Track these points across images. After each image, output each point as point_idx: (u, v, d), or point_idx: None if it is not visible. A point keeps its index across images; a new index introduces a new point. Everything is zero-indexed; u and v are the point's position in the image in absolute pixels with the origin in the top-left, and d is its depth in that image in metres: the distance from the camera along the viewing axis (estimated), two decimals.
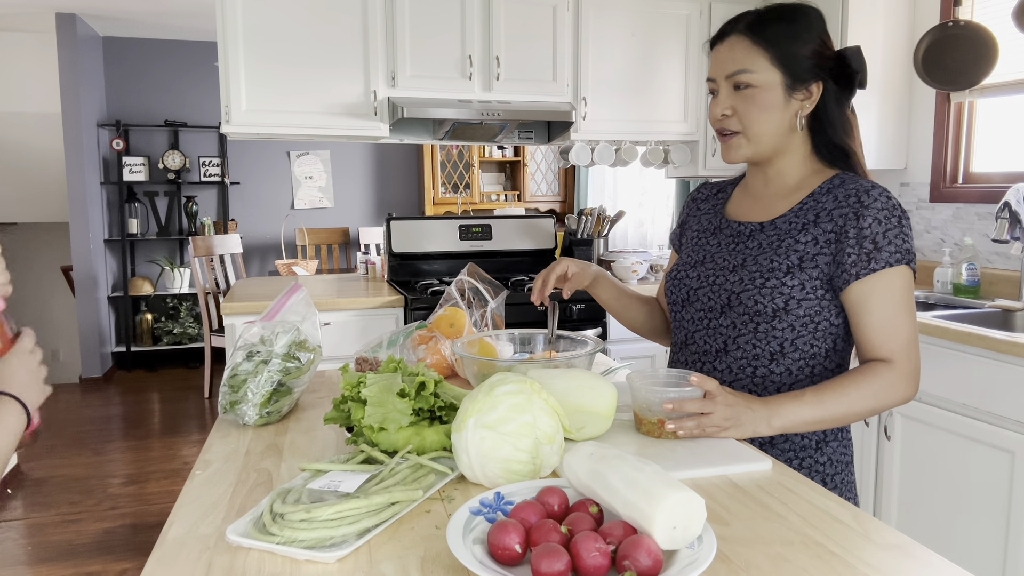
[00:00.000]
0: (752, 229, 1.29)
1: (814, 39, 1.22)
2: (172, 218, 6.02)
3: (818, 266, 1.20)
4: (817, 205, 1.23)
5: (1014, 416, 2.00)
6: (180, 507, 0.97)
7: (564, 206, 6.52)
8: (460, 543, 0.78)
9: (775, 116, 1.22)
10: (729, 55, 1.23)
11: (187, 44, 5.98)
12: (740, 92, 1.23)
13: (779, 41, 1.20)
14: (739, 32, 1.23)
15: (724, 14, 3.46)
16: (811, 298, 1.21)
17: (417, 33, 3.06)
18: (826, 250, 1.20)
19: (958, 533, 2.17)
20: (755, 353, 1.26)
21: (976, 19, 2.84)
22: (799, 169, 1.28)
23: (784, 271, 1.21)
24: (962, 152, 2.97)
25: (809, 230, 1.22)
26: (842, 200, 1.20)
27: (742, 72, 1.21)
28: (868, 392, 1.16)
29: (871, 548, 0.84)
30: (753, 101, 1.22)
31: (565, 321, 3.03)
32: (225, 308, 2.75)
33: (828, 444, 1.27)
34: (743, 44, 1.22)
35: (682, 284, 1.36)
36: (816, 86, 1.22)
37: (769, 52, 1.20)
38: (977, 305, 2.57)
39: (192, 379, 5.50)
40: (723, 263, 1.29)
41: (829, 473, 1.27)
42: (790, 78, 1.21)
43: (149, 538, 2.94)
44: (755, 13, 1.24)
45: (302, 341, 1.33)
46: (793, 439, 1.26)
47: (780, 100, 1.22)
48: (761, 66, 1.21)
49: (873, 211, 1.17)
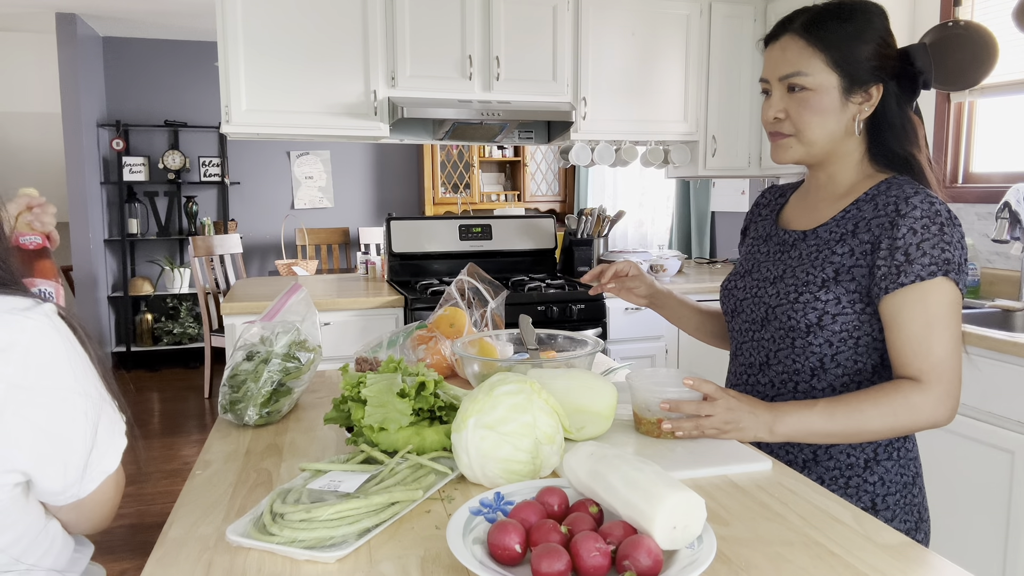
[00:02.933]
0: (796, 238, 1.25)
1: (874, 38, 1.16)
2: (172, 218, 6.02)
3: (855, 279, 1.15)
4: (859, 213, 1.17)
5: (1014, 416, 1.99)
6: (180, 507, 0.97)
7: (564, 206, 6.52)
8: (460, 543, 0.78)
9: (831, 120, 1.17)
10: (782, 56, 1.18)
11: (187, 44, 5.98)
12: (794, 95, 1.18)
13: (836, 42, 1.15)
14: (794, 32, 1.18)
15: (724, 14, 3.46)
16: (848, 312, 1.15)
17: (417, 33, 3.06)
18: (862, 262, 1.14)
19: (958, 533, 2.16)
20: (795, 368, 1.21)
21: (976, 19, 2.84)
22: (852, 174, 1.22)
23: (819, 285, 1.17)
24: (962, 152, 2.97)
25: (847, 241, 1.16)
26: (881, 208, 1.14)
27: (796, 75, 1.16)
28: (887, 410, 1.08)
29: (871, 548, 0.84)
30: (807, 105, 1.17)
31: (565, 321, 3.02)
32: (225, 308, 2.75)
33: (880, 463, 1.19)
34: (797, 45, 1.17)
35: (731, 295, 1.33)
36: (876, 88, 1.17)
37: (825, 54, 1.15)
38: (977, 305, 2.57)
39: (192, 379, 5.50)
40: (767, 274, 1.26)
41: (880, 494, 1.19)
42: (847, 80, 1.15)
43: (149, 538, 2.94)
44: (812, 11, 1.18)
45: (302, 341, 1.33)
46: (839, 457, 1.19)
47: (836, 103, 1.16)
48: (816, 68, 1.15)
49: (909, 220, 1.10)
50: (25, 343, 0.79)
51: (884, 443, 1.19)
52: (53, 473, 0.84)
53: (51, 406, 0.81)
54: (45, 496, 0.87)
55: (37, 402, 0.80)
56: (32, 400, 0.79)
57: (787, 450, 1.24)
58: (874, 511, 1.19)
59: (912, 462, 1.22)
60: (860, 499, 1.19)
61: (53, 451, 0.82)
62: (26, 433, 0.80)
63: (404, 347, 1.61)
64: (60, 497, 0.87)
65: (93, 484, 0.89)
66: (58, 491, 0.86)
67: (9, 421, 0.78)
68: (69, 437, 0.83)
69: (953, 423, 2.17)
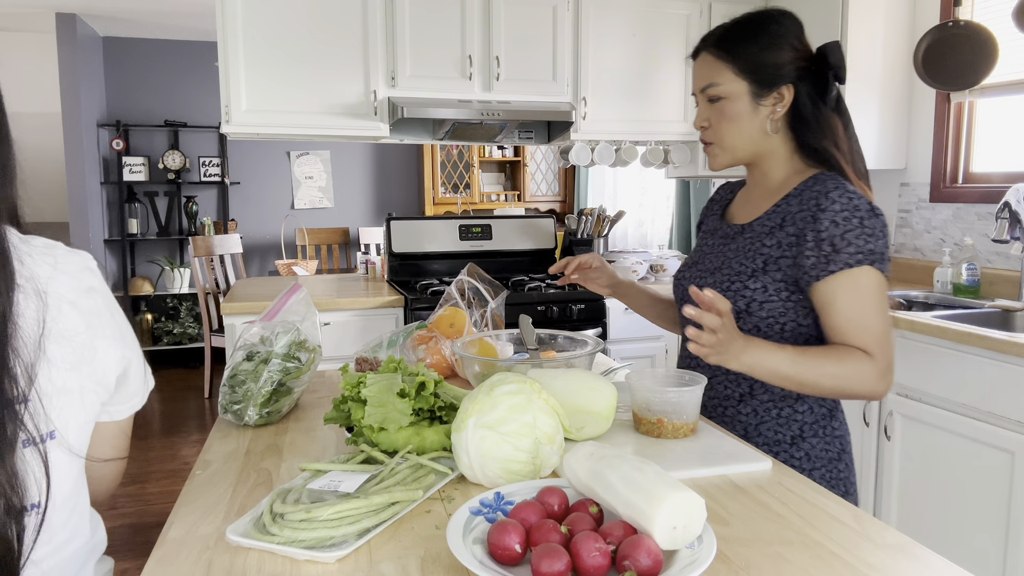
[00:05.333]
0: (736, 231, 1.34)
1: (782, 44, 1.26)
2: (172, 218, 6.02)
3: (781, 269, 1.23)
4: (787, 208, 1.26)
5: (1014, 416, 1.99)
6: (180, 507, 0.97)
7: (564, 206, 6.52)
8: (460, 543, 0.78)
9: (745, 124, 1.27)
10: (700, 71, 1.31)
11: (187, 44, 5.98)
12: (714, 104, 1.29)
13: (741, 52, 1.26)
14: (707, 48, 1.30)
15: (724, 14, 3.45)
16: (774, 300, 1.23)
17: (417, 33, 3.05)
18: (788, 253, 1.22)
19: (958, 533, 2.16)
20: None
21: (976, 19, 2.84)
22: (782, 170, 1.32)
23: (748, 275, 1.25)
24: (962, 152, 2.97)
25: (775, 234, 1.25)
26: (804, 203, 1.23)
27: (711, 86, 1.29)
28: (844, 371, 1.15)
29: (871, 548, 0.84)
30: (723, 112, 1.28)
31: (565, 321, 3.02)
32: (225, 308, 2.75)
33: (805, 440, 1.28)
34: (710, 59, 1.29)
35: (679, 285, 1.43)
36: (787, 89, 1.26)
37: (732, 64, 1.26)
38: (977, 305, 2.57)
39: (192, 379, 5.50)
40: (709, 265, 1.35)
41: (807, 468, 1.27)
42: (756, 85, 1.26)
43: (149, 538, 2.94)
44: (722, 28, 1.30)
45: (302, 341, 1.33)
46: (766, 434, 1.28)
47: (748, 108, 1.27)
48: (726, 78, 1.27)
49: (830, 213, 1.18)
50: (94, 267, 0.95)
51: (810, 421, 1.28)
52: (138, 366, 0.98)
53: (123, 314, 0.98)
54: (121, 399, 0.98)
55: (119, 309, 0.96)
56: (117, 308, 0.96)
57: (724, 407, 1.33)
58: None
59: (838, 439, 1.31)
60: None
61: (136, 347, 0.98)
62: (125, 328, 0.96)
63: (404, 347, 1.61)
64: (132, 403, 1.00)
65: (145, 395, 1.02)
66: (135, 391, 0.99)
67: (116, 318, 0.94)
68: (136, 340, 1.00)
69: (953, 423, 2.18)
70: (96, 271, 0.94)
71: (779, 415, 1.28)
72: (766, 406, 1.28)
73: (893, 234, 3.24)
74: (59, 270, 0.89)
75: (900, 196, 3.20)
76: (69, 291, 0.89)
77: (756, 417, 1.29)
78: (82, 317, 0.89)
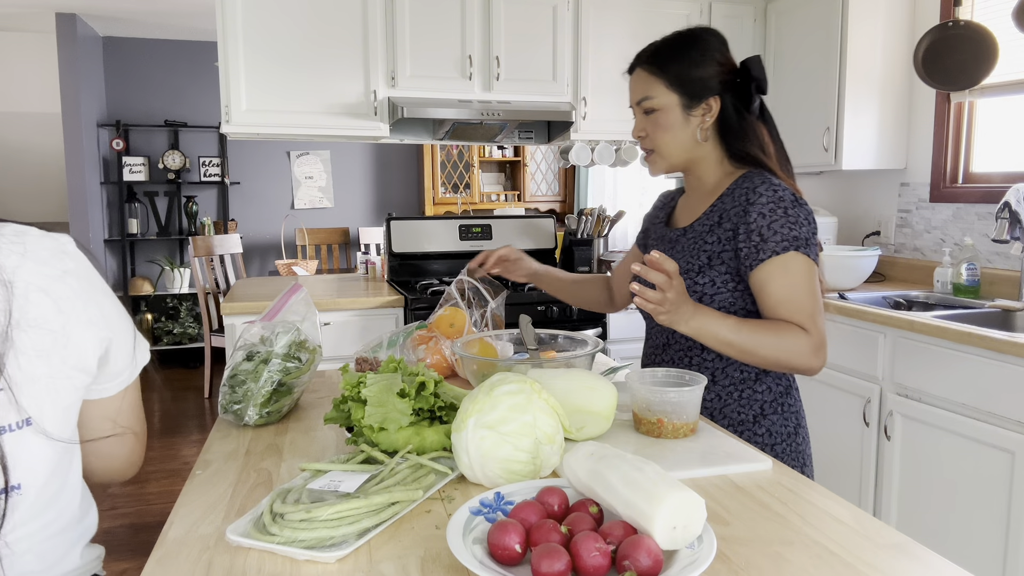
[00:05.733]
0: (679, 234, 1.44)
1: (707, 60, 1.37)
2: (172, 218, 6.02)
3: (724, 262, 1.33)
4: (722, 207, 1.37)
5: (1014, 416, 1.99)
6: (180, 507, 0.97)
7: (564, 206, 6.52)
8: (460, 543, 0.78)
9: (678, 133, 1.38)
10: (635, 85, 1.42)
11: (187, 44, 5.98)
12: (649, 116, 1.40)
13: (671, 67, 1.37)
14: (642, 64, 1.41)
15: (724, 14, 3.46)
16: (723, 292, 1.34)
17: (417, 33, 3.06)
18: (728, 247, 1.33)
19: (958, 533, 2.16)
20: (688, 345, 1.41)
21: (976, 19, 2.84)
22: (715, 173, 1.43)
23: (696, 271, 1.35)
24: (962, 152, 2.97)
25: (715, 231, 1.36)
26: (736, 200, 1.34)
27: (645, 99, 1.40)
28: (782, 343, 1.25)
29: (871, 548, 0.84)
30: (657, 123, 1.39)
31: (565, 321, 3.03)
32: (225, 308, 2.75)
33: (767, 417, 1.38)
34: (644, 74, 1.40)
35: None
36: (713, 101, 1.37)
37: (664, 78, 1.37)
38: (977, 305, 2.57)
39: (192, 379, 5.50)
40: None
41: (769, 444, 1.38)
42: (686, 98, 1.37)
43: (149, 538, 2.94)
44: (653, 46, 1.41)
45: (302, 341, 1.33)
46: (731, 416, 1.38)
47: (680, 118, 1.38)
48: (659, 91, 1.38)
49: (757, 207, 1.29)
50: (72, 249, 0.95)
51: (769, 399, 1.38)
52: (122, 344, 0.98)
53: (108, 292, 0.98)
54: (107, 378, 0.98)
55: (102, 288, 0.97)
56: (99, 287, 0.96)
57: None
58: None
59: (794, 415, 1.41)
60: None
61: (120, 323, 0.99)
62: (107, 307, 0.96)
63: (404, 347, 1.61)
64: (119, 379, 1.00)
65: (137, 370, 1.03)
66: (121, 368, 0.99)
67: (96, 298, 0.94)
68: (125, 316, 1.01)
69: (953, 423, 2.18)
70: (74, 253, 0.94)
71: (740, 396, 1.38)
72: (728, 389, 1.38)
73: (893, 234, 3.24)
74: (28, 257, 0.89)
75: (900, 196, 3.20)
76: (39, 278, 0.89)
77: (720, 401, 1.39)
78: (54, 303, 0.89)
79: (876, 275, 3.17)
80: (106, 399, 1.00)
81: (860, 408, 2.51)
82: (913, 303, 2.78)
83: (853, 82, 3.00)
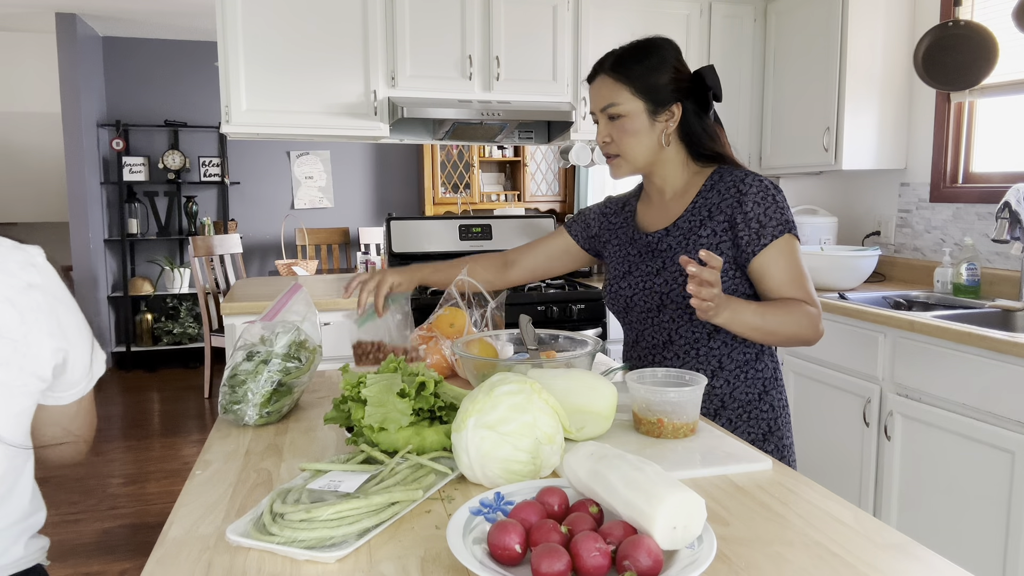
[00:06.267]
0: (660, 236, 1.47)
1: (668, 68, 1.42)
2: (172, 218, 6.02)
3: (723, 252, 1.39)
4: (707, 202, 1.43)
5: (1014, 416, 1.99)
6: (180, 507, 0.97)
7: (564, 206, 6.52)
8: (460, 543, 0.78)
9: (644, 138, 1.43)
10: (599, 92, 1.45)
11: (187, 44, 5.98)
12: (614, 122, 1.44)
13: (637, 75, 1.41)
14: (605, 72, 1.44)
15: (724, 14, 3.46)
16: (724, 279, 1.39)
17: (417, 33, 3.06)
18: (725, 237, 1.39)
19: (958, 533, 2.16)
20: (695, 337, 1.44)
21: (976, 19, 2.84)
22: (681, 175, 1.48)
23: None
24: (962, 152, 2.97)
25: (707, 224, 1.41)
26: (724, 193, 1.41)
27: (611, 105, 1.43)
28: (798, 320, 1.33)
29: (871, 548, 0.84)
30: (623, 128, 1.43)
31: (565, 321, 3.02)
32: (225, 308, 2.75)
33: (768, 393, 1.47)
34: (609, 82, 1.44)
35: (619, 295, 1.53)
36: (676, 107, 1.42)
37: (630, 85, 1.41)
38: (977, 305, 2.57)
39: (192, 379, 5.50)
40: (647, 269, 1.48)
41: (772, 417, 1.47)
42: (652, 104, 1.41)
43: (149, 538, 2.94)
44: (616, 54, 1.45)
45: (302, 341, 1.33)
46: (740, 397, 1.45)
47: (646, 124, 1.42)
48: (625, 98, 1.42)
49: (751, 196, 1.37)
50: (41, 262, 0.98)
51: (768, 375, 1.47)
52: (78, 357, 1.02)
53: (71, 304, 1.01)
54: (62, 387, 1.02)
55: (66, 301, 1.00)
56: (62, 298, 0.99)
57: None
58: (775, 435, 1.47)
59: (783, 388, 1.52)
60: (759, 427, 1.46)
61: (79, 337, 1.02)
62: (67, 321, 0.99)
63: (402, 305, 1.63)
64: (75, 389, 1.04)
65: (93, 381, 1.07)
66: (77, 379, 1.03)
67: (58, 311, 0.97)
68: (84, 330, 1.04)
69: (953, 423, 2.18)
70: (41, 266, 0.97)
71: (746, 377, 1.45)
72: (735, 372, 1.45)
73: (893, 234, 3.24)
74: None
75: (900, 196, 3.20)
76: (6, 288, 0.91)
77: (730, 385, 1.45)
78: (19, 314, 0.91)
79: (876, 275, 3.17)
80: (60, 407, 1.03)
81: (860, 408, 2.51)
82: (913, 303, 2.78)
83: (853, 82, 3.00)
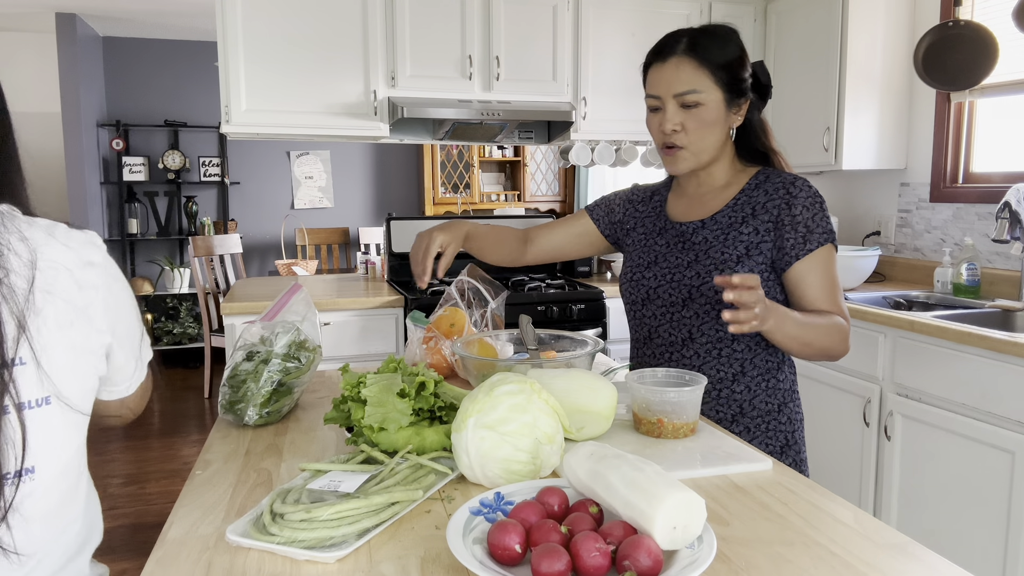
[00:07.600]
0: (695, 227, 1.41)
1: (744, 59, 1.35)
2: (172, 218, 6.02)
3: (762, 252, 1.35)
4: (752, 200, 1.37)
5: (1014, 416, 1.99)
6: (180, 507, 0.97)
7: (564, 206, 6.52)
8: (460, 543, 0.78)
9: (718, 130, 1.35)
10: (675, 75, 1.32)
11: (187, 44, 5.98)
12: (688, 110, 1.33)
13: (720, 62, 1.31)
14: (683, 53, 1.32)
15: (724, 14, 3.46)
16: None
17: (417, 33, 3.06)
18: (767, 238, 1.35)
19: (958, 533, 2.16)
20: (719, 337, 1.38)
21: (976, 19, 2.84)
22: (727, 171, 1.43)
23: (735, 260, 1.35)
24: (962, 152, 2.97)
25: (749, 222, 1.36)
26: (772, 193, 1.36)
27: (691, 92, 1.31)
28: (833, 334, 1.30)
29: (871, 548, 0.84)
30: (700, 118, 1.33)
31: (565, 321, 3.02)
32: (225, 308, 2.75)
33: (787, 405, 1.43)
34: (689, 65, 1.32)
35: (640, 285, 1.46)
36: (745, 101, 1.37)
37: (713, 73, 1.31)
38: (977, 305, 2.57)
39: (192, 379, 5.50)
40: (676, 261, 1.41)
41: (790, 430, 1.43)
42: (730, 95, 1.34)
43: (149, 538, 2.94)
44: (692, 34, 1.34)
45: (302, 341, 1.33)
46: (760, 407, 1.40)
47: (723, 115, 1.34)
48: (707, 86, 1.31)
49: (801, 199, 1.33)
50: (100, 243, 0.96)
51: (786, 387, 1.43)
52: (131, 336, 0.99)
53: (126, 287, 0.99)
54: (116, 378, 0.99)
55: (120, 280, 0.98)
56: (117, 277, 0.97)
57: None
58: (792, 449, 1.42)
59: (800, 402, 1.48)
60: (776, 439, 1.40)
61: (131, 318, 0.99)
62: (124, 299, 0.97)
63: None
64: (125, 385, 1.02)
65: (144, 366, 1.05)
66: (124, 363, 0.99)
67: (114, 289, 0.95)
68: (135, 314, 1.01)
69: (953, 423, 2.19)
70: (100, 246, 0.95)
71: (767, 386, 1.40)
72: (756, 380, 1.39)
73: (893, 234, 3.24)
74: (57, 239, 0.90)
75: (900, 196, 3.20)
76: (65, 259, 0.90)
77: (750, 392, 1.39)
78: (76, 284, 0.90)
79: (876, 275, 3.17)
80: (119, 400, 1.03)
81: (860, 408, 2.51)
82: (913, 303, 2.77)
83: (853, 82, 3.00)
